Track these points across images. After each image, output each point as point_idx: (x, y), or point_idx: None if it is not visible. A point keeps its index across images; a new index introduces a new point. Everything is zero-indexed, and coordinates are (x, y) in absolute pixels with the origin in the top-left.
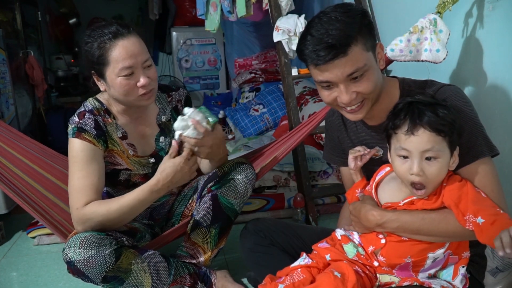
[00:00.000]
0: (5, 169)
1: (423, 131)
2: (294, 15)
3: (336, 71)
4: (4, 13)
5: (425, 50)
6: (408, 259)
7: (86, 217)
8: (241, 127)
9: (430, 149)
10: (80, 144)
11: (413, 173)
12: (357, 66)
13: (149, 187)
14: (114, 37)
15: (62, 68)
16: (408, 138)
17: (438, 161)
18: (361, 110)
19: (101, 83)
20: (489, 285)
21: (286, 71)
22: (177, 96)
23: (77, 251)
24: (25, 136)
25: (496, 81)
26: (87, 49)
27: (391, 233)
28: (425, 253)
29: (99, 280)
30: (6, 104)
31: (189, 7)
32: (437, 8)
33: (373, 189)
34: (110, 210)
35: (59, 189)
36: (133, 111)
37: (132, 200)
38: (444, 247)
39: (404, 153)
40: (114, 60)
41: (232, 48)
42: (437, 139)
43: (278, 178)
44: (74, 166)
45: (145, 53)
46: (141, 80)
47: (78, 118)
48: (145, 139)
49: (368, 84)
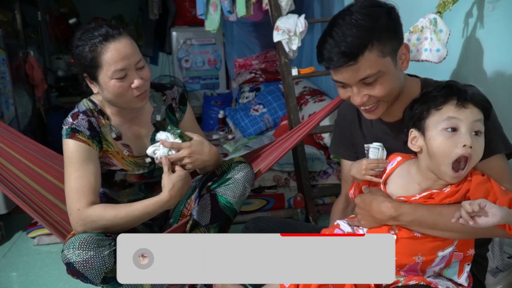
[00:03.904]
0: (5, 170)
1: (472, 106)
2: (294, 15)
3: (348, 75)
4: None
5: (425, 49)
6: (418, 258)
7: (90, 219)
8: (241, 127)
9: (479, 120)
10: (75, 145)
11: (465, 145)
12: (369, 72)
13: (161, 203)
14: (105, 39)
15: (62, 68)
16: (459, 109)
17: (482, 138)
18: (376, 111)
19: (94, 86)
20: (489, 285)
21: (286, 71)
22: (171, 94)
23: (76, 252)
24: (24, 136)
25: (496, 81)
26: (79, 52)
27: (403, 227)
28: (436, 251)
29: (98, 281)
30: (6, 104)
31: (189, 7)
32: (437, 7)
33: (382, 182)
34: (116, 217)
35: (58, 190)
36: (127, 112)
37: (140, 211)
38: (453, 245)
39: (454, 123)
40: (106, 63)
41: (232, 48)
42: (481, 117)
43: (278, 178)
44: (70, 167)
45: (137, 54)
46: (135, 82)
47: (71, 119)
48: (140, 139)
49: (382, 89)
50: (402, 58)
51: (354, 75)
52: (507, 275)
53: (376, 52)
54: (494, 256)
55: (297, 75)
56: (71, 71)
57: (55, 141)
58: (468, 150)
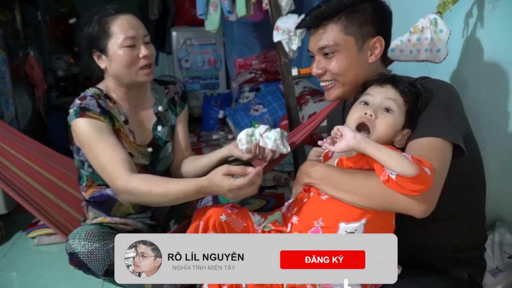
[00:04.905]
0: (5, 169)
1: (390, 87)
2: (294, 15)
3: (312, 43)
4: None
5: (425, 50)
6: (318, 223)
7: (129, 189)
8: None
9: (392, 100)
10: (87, 122)
11: (366, 113)
12: (327, 43)
13: (198, 187)
14: (115, 12)
15: (62, 68)
16: (375, 88)
17: (393, 116)
18: (331, 90)
19: (102, 61)
20: (489, 285)
21: (286, 71)
22: (174, 88)
23: (81, 243)
24: (25, 136)
25: (496, 81)
26: (87, 27)
27: (316, 190)
28: (338, 220)
29: (101, 273)
30: (6, 104)
31: (189, 7)
32: (438, 8)
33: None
34: (151, 192)
35: (59, 189)
36: (132, 96)
37: (176, 191)
38: (360, 222)
39: (366, 98)
40: (116, 31)
41: (232, 48)
42: (396, 98)
43: (278, 178)
44: (90, 145)
45: (144, 29)
46: (143, 51)
47: (79, 101)
48: (143, 128)
49: (336, 65)
50: (371, 49)
51: (316, 42)
52: (507, 275)
53: (340, 26)
54: (494, 256)
55: (297, 75)
56: (71, 71)
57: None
58: (369, 118)
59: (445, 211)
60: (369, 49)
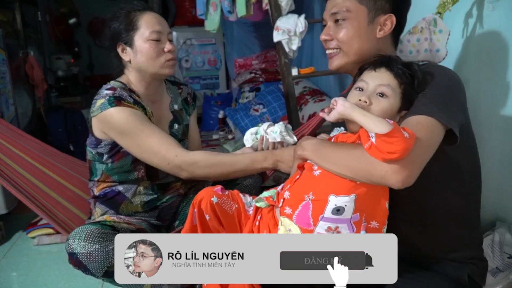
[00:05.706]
0: (7, 167)
1: (384, 71)
2: (294, 15)
3: (327, 8)
4: (4, 13)
5: (425, 50)
6: (308, 197)
7: (195, 160)
8: (241, 127)
9: (386, 85)
10: (125, 110)
11: (360, 99)
12: (340, 8)
13: (254, 160)
14: (143, 9)
15: (62, 68)
16: (369, 73)
17: (387, 100)
18: (334, 59)
19: (126, 54)
20: (489, 285)
21: (286, 71)
22: (187, 89)
23: (81, 244)
24: (26, 134)
25: (496, 81)
26: (114, 20)
27: (309, 167)
28: (328, 192)
29: (100, 275)
30: (6, 104)
31: (189, 7)
32: (437, 8)
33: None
34: (222, 160)
35: (62, 187)
36: (151, 92)
37: (244, 158)
38: (348, 196)
39: (360, 84)
40: (144, 24)
41: (232, 48)
42: (391, 82)
43: (278, 178)
44: (134, 131)
45: (169, 27)
46: (167, 46)
47: (110, 91)
48: (161, 124)
49: (344, 32)
50: (381, 25)
51: (330, 8)
52: (507, 275)
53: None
54: (494, 256)
55: (297, 75)
56: (71, 71)
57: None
58: (363, 104)
59: (438, 208)
60: (379, 24)
